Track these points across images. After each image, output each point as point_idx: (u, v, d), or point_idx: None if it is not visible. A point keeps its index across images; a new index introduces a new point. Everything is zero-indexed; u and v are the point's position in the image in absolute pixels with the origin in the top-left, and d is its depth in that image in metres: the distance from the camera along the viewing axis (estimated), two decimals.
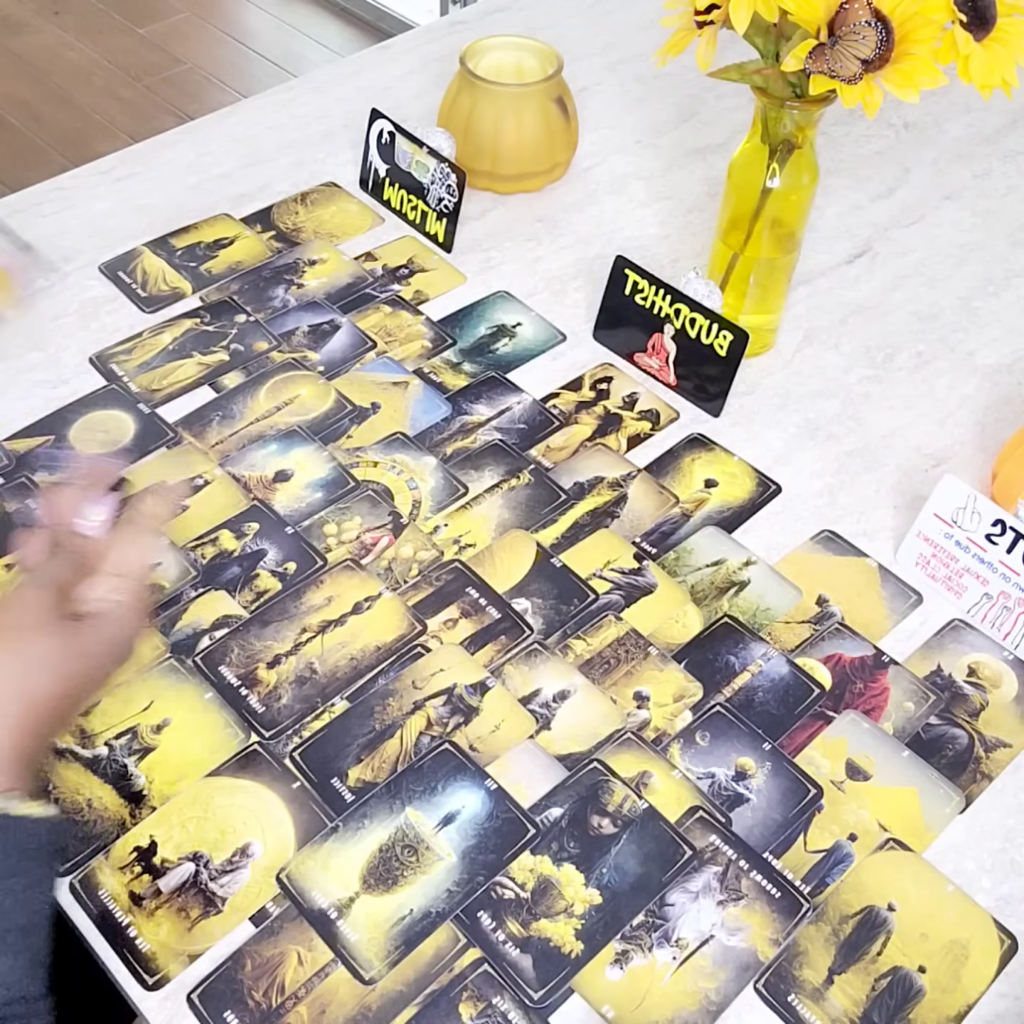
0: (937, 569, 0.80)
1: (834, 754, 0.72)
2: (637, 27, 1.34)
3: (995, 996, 0.63)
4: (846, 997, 0.63)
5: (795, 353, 0.98)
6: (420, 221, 1.06)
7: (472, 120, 1.06)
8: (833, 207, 1.12)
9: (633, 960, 0.63)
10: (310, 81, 1.26)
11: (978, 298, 1.03)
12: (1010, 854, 0.69)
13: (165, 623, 0.76)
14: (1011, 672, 0.77)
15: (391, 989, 0.62)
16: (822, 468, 0.89)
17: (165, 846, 0.66)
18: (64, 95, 2.81)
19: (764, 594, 0.80)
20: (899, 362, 0.97)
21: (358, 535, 0.82)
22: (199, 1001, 0.61)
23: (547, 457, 0.88)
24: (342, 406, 0.91)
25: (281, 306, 0.99)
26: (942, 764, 0.72)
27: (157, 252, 1.03)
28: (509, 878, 0.66)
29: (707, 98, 1.24)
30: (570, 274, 1.04)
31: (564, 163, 1.13)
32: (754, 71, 0.78)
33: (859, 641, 0.78)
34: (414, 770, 0.70)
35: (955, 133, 1.22)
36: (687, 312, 0.89)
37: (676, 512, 0.85)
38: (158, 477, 0.85)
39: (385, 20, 3.04)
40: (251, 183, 1.11)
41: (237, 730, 0.71)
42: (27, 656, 0.58)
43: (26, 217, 1.06)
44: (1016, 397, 0.95)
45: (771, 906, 0.66)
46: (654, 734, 0.73)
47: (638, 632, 0.78)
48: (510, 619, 0.78)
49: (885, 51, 0.70)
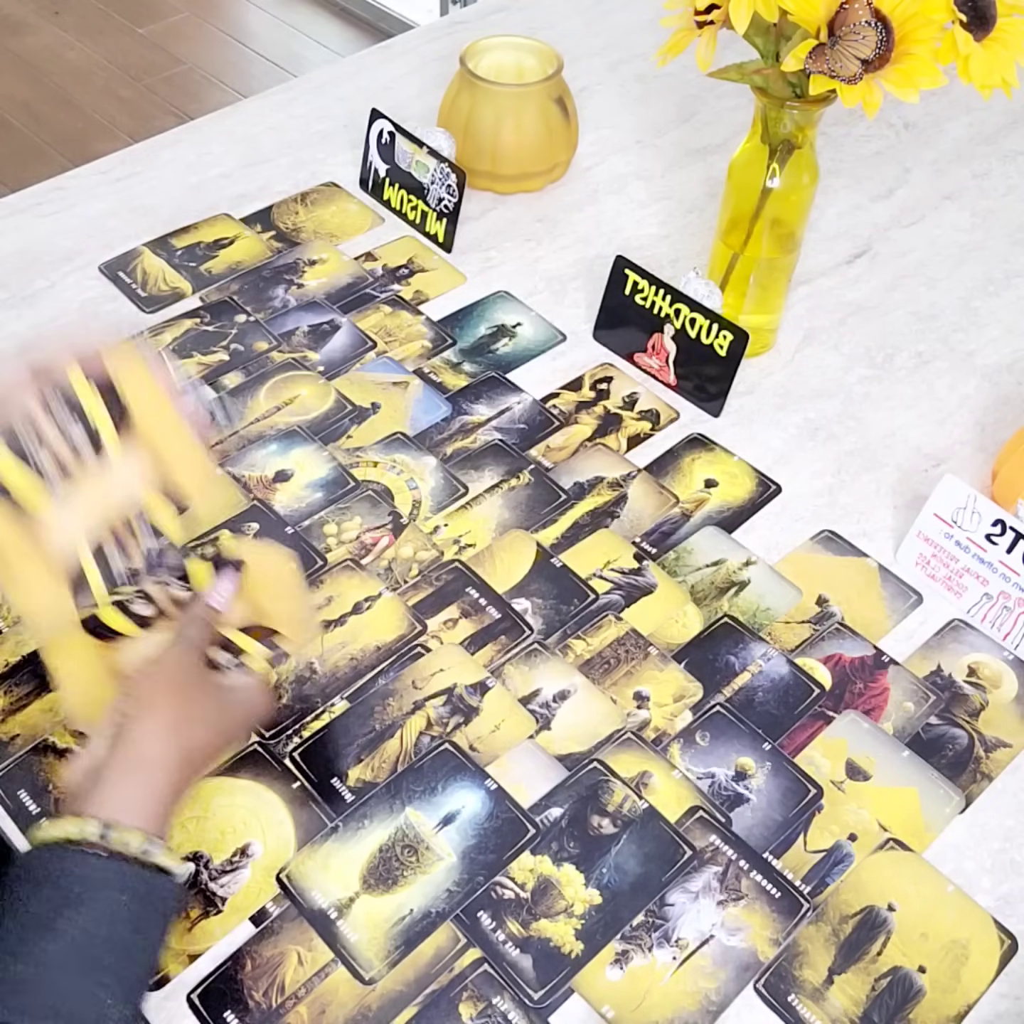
0: (937, 569, 0.80)
1: (834, 754, 0.72)
2: (637, 27, 1.34)
3: (995, 996, 0.63)
4: (846, 997, 0.63)
5: (795, 353, 0.98)
6: (420, 221, 1.06)
7: (472, 120, 1.06)
8: (833, 207, 1.12)
9: (633, 960, 0.63)
10: (310, 81, 1.27)
11: (978, 298, 1.03)
12: (1010, 854, 0.69)
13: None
14: (1011, 672, 0.77)
15: (391, 989, 0.62)
16: (822, 468, 0.89)
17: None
18: (64, 95, 2.81)
19: (764, 594, 0.80)
20: (899, 362, 0.97)
21: (358, 535, 0.82)
22: (199, 1001, 0.61)
23: (547, 457, 0.88)
24: (342, 406, 0.91)
25: (281, 306, 0.99)
26: (942, 764, 0.72)
27: (157, 252, 1.03)
28: (509, 878, 0.66)
29: (707, 98, 1.24)
30: (570, 274, 1.04)
31: (564, 163, 1.13)
32: (754, 71, 0.78)
33: (859, 641, 0.78)
34: (414, 770, 0.70)
35: (955, 133, 1.22)
36: (687, 312, 0.89)
37: (676, 512, 0.85)
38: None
39: (385, 20, 3.04)
40: (251, 183, 1.11)
41: None
42: (185, 711, 0.59)
43: (26, 217, 1.06)
44: (1016, 397, 0.95)
45: (771, 906, 0.66)
46: (654, 734, 0.72)
47: (638, 632, 0.78)
48: (510, 619, 0.78)
49: (885, 51, 0.70)
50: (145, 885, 0.54)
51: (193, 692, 0.61)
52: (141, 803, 0.56)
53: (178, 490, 0.62)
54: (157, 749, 0.57)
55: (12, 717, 0.71)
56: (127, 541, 0.62)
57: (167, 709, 0.59)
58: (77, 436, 0.59)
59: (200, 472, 0.63)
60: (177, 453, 0.61)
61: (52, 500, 0.59)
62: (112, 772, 0.56)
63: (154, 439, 0.61)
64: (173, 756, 0.58)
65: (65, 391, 0.59)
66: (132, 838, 0.54)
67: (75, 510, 0.59)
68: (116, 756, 0.57)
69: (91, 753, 0.58)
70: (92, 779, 0.56)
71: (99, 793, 0.55)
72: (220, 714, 0.62)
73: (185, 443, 0.62)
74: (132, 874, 0.54)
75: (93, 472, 0.59)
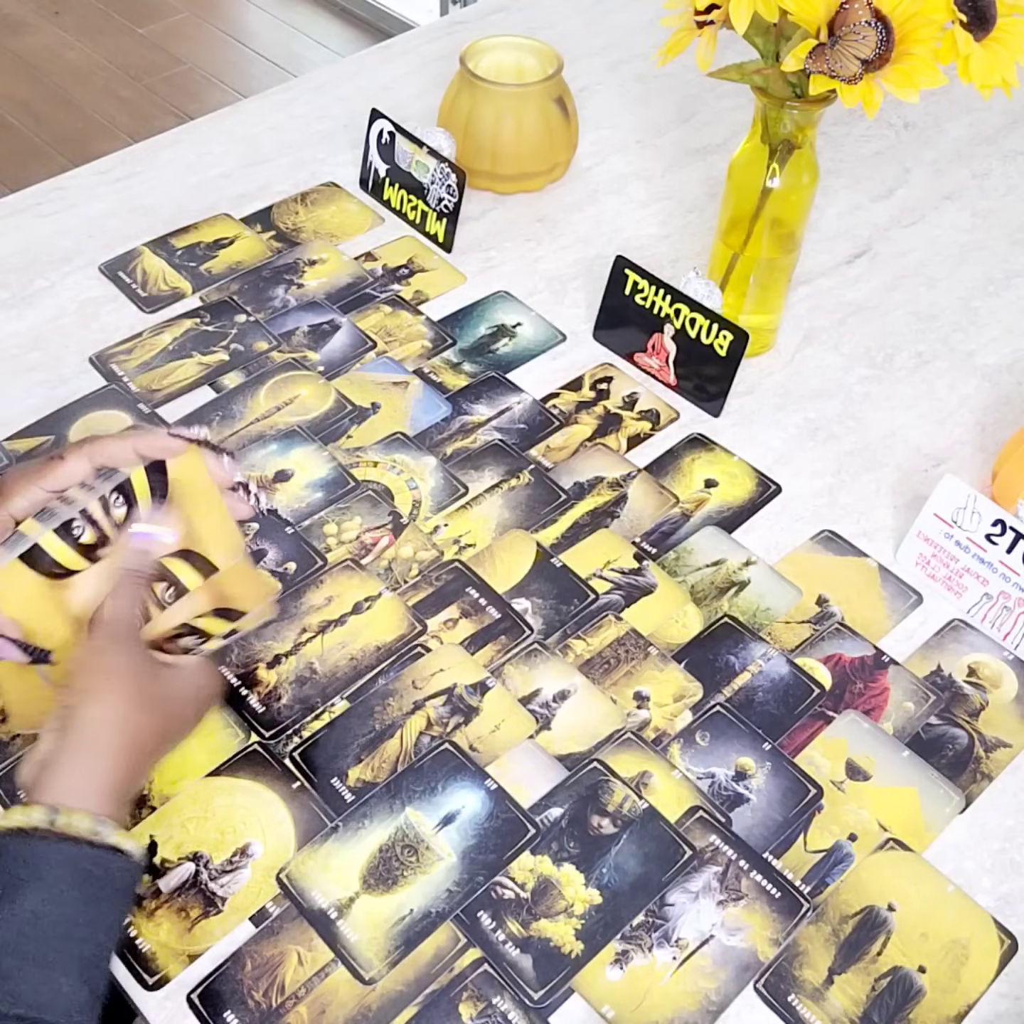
0: (937, 569, 0.80)
1: (834, 754, 0.72)
2: (637, 27, 1.34)
3: (995, 996, 0.63)
4: (846, 997, 0.63)
5: (795, 353, 0.98)
6: (420, 221, 1.06)
7: (472, 120, 1.06)
8: (833, 207, 1.12)
9: (633, 960, 0.63)
10: (310, 81, 1.27)
11: (978, 298, 1.03)
12: (1010, 854, 0.69)
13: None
14: (1011, 672, 0.77)
15: (391, 989, 0.62)
16: (822, 468, 0.89)
17: (165, 846, 0.66)
18: (64, 95, 2.81)
19: (764, 594, 0.80)
20: (899, 362, 0.97)
21: (358, 535, 0.82)
22: (199, 1001, 0.61)
23: (547, 457, 0.88)
24: (342, 406, 0.91)
25: (281, 306, 0.99)
26: (942, 764, 0.72)
27: (157, 252, 1.03)
28: (509, 878, 0.66)
29: (707, 98, 1.24)
30: (570, 274, 1.04)
31: (564, 163, 1.13)
32: (754, 71, 0.78)
33: (859, 641, 0.78)
34: (414, 770, 0.70)
35: (955, 133, 1.22)
36: (687, 312, 0.89)
37: (676, 512, 0.85)
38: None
39: (385, 20, 3.04)
40: (251, 183, 1.11)
41: (237, 730, 0.71)
42: (128, 694, 0.60)
43: (26, 217, 1.06)
44: (1016, 397, 0.95)
45: (771, 906, 0.66)
46: (654, 734, 0.72)
47: (638, 632, 0.78)
48: (510, 619, 0.78)
49: (885, 51, 0.70)
50: (95, 864, 0.54)
51: (138, 675, 0.61)
52: (90, 788, 0.57)
53: (200, 547, 0.64)
54: (103, 734, 0.58)
55: (12, 717, 0.71)
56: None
57: (110, 695, 0.59)
58: (118, 514, 0.63)
59: (226, 534, 0.65)
60: (207, 521, 0.64)
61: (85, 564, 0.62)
62: (58, 759, 0.57)
63: (189, 512, 0.64)
64: (120, 741, 0.58)
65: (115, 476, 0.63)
66: (80, 820, 0.55)
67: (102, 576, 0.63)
68: (62, 744, 0.57)
69: (40, 747, 0.58)
70: (41, 770, 0.57)
71: (46, 780, 0.56)
72: (167, 697, 0.62)
73: (217, 512, 0.64)
74: (80, 855, 0.54)
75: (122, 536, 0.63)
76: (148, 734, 0.60)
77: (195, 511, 0.64)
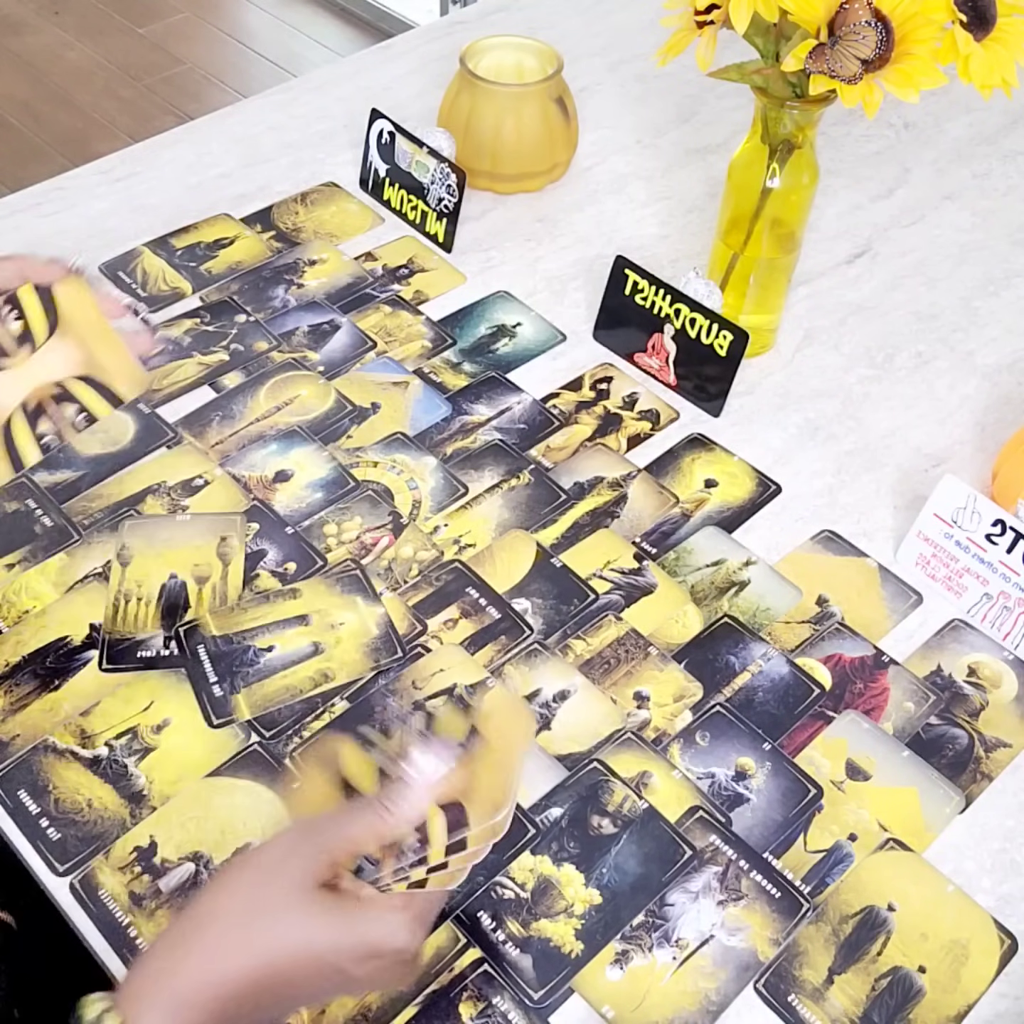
0: (937, 569, 0.80)
1: (834, 754, 0.72)
2: (637, 27, 1.34)
3: (995, 996, 0.63)
4: (846, 997, 0.63)
5: (795, 353, 0.98)
6: (420, 221, 1.06)
7: (472, 120, 1.06)
8: (833, 207, 1.12)
9: (633, 960, 0.63)
10: (310, 81, 1.27)
11: (978, 298, 1.03)
12: (1010, 854, 0.69)
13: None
14: (1011, 672, 0.77)
15: (391, 989, 0.62)
16: (822, 468, 0.89)
17: (165, 846, 0.66)
18: (64, 95, 2.81)
19: (764, 594, 0.80)
20: (899, 362, 0.97)
21: (358, 535, 0.82)
22: None
23: (547, 457, 0.88)
24: (342, 406, 0.91)
25: (281, 306, 0.99)
26: (942, 764, 0.72)
27: (157, 252, 1.03)
28: (509, 878, 0.66)
29: (707, 98, 1.24)
30: (570, 274, 1.04)
31: (564, 163, 1.13)
32: (754, 71, 0.78)
33: (859, 641, 0.78)
34: None
35: (955, 133, 1.22)
36: (687, 312, 0.89)
37: (676, 512, 0.85)
38: (158, 478, 0.85)
39: (385, 20, 3.03)
40: (251, 183, 1.11)
41: (237, 730, 0.71)
42: (263, 919, 0.47)
43: (26, 217, 1.06)
44: (1016, 397, 0.95)
45: (771, 906, 0.66)
46: (654, 734, 0.72)
47: (638, 632, 0.78)
48: (510, 619, 0.78)
49: (885, 51, 0.70)
50: None
51: (285, 904, 0.47)
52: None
53: (103, 376, 0.64)
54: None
55: (12, 717, 0.71)
56: (55, 411, 0.63)
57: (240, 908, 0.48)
58: (14, 328, 0.62)
59: (125, 367, 0.64)
60: (104, 351, 0.64)
61: None
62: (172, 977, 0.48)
63: (83, 338, 0.64)
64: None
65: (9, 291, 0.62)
66: None
67: (6, 385, 0.62)
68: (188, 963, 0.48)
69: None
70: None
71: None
72: (315, 947, 0.47)
73: (113, 345, 0.64)
74: None
75: (24, 359, 0.62)
76: (261, 978, 0.49)
77: (88, 338, 0.63)
